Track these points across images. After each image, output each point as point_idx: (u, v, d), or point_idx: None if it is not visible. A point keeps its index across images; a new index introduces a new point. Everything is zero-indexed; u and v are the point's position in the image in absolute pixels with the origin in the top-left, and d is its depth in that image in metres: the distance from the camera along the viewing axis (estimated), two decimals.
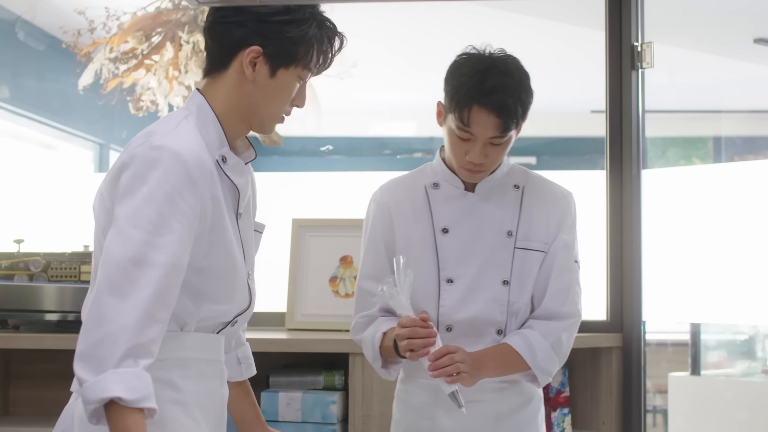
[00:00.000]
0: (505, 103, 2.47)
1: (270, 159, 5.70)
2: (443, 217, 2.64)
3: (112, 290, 1.91)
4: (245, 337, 2.55)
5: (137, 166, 2.00)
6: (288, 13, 2.15)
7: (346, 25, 2.33)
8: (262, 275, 4.03)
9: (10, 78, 5.14)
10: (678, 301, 3.86)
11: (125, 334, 1.88)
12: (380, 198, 2.72)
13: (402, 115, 6.01)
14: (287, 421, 3.49)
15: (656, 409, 6.51)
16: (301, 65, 2.18)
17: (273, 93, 2.18)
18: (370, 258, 2.69)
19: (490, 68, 2.50)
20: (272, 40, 2.14)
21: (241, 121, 2.20)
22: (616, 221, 3.81)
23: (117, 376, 1.87)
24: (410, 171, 2.79)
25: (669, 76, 5.83)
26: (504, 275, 2.61)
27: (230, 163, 2.17)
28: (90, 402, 1.87)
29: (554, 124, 6.59)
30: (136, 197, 1.97)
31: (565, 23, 5.06)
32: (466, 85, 2.49)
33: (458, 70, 2.55)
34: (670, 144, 7.40)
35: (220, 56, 2.18)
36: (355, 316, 2.72)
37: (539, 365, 2.59)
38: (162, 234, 1.96)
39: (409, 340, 2.43)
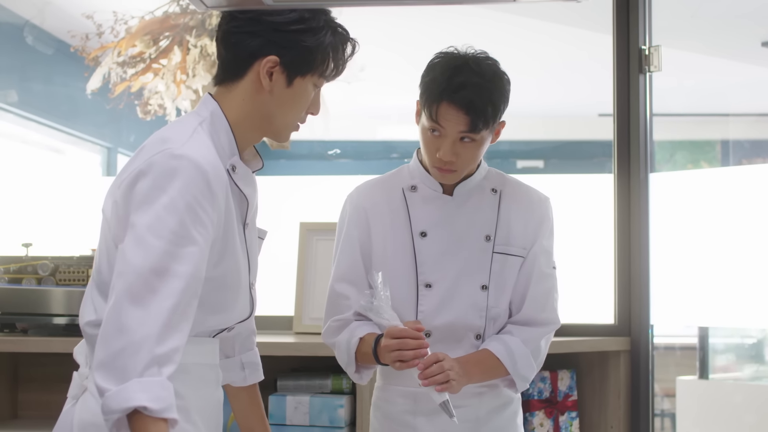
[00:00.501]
0: (472, 99, 2.46)
1: (278, 163, 5.70)
2: (421, 221, 2.62)
3: (134, 300, 1.89)
4: (254, 342, 2.53)
5: (156, 174, 1.98)
6: (303, 22, 2.15)
7: (354, 29, 2.34)
8: (270, 279, 4.05)
9: (19, 82, 5.15)
10: (686, 304, 3.85)
11: (148, 343, 1.87)
12: (356, 200, 2.69)
13: (410, 118, 6.01)
14: (295, 424, 3.49)
15: (664, 413, 6.49)
16: (317, 73, 2.19)
17: (289, 102, 2.18)
18: (345, 261, 2.66)
19: (462, 66, 2.51)
20: (289, 49, 2.14)
21: (255, 129, 2.20)
22: (623, 225, 3.80)
23: (141, 385, 1.85)
24: (386, 173, 2.77)
25: (677, 79, 5.82)
26: (482, 280, 2.60)
27: (240, 173, 2.17)
28: (113, 411, 1.85)
29: (562, 127, 6.59)
30: (156, 206, 1.95)
31: (573, 27, 5.05)
32: (437, 81, 2.50)
33: (432, 69, 2.56)
34: (678, 147, 7.39)
35: (234, 66, 2.17)
36: (328, 319, 2.68)
37: (519, 372, 2.59)
38: (184, 245, 1.95)
39: (399, 351, 2.41)
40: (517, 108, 6.17)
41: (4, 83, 5.03)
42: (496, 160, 6.88)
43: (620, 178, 3.81)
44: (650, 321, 3.77)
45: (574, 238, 3.85)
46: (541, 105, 6.64)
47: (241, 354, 2.48)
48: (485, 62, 2.54)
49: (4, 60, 5.07)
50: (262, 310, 3.92)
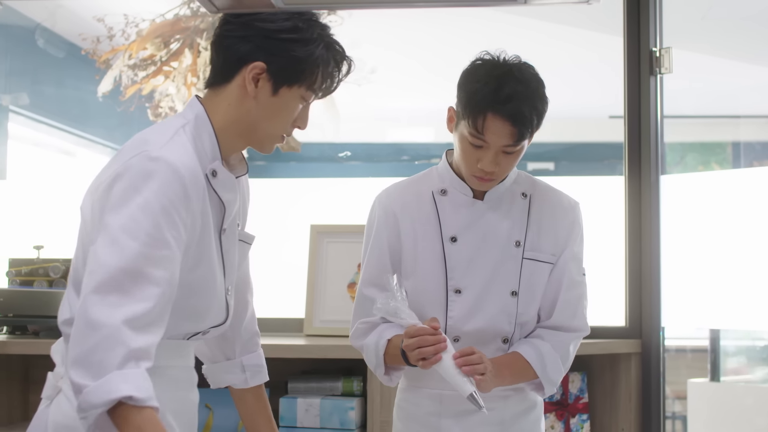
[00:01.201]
0: (521, 111, 2.43)
1: (288, 165, 5.70)
2: (451, 226, 2.59)
3: (105, 298, 1.88)
4: (258, 344, 2.52)
5: (132, 176, 1.98)
6: (296, 31, 2.13)
7: (364, 31, 2.34)
8: (280, 281, 4.05)
9: (30, 85, 5.16)
10: (697, 307, 3.84)
11: (124, 338, 1.86)
12: (386, 202, 2.66)
13: (420, 121, 6.00)
14: (306, 427, 3.50)
15: (675, 416, 6.48)
16: (305, 86, 2.15)
17: (274, 111, 2.15)
18: (373, 265, 2.64)
19: (506, 75, 2.46)
20: (277, 57, 2.12)
21: (239, 137, 2.18)
22: (634, 227, 3.80)
23: (122, 376, 1.85)
24: (415, 175, 2.74)
25: (687, 81, 5.81)
26: (512, 286, 2.58)
27: (220, 178, 2.14)
28: (94, 406, 1.83)
29: (572, 129, 6.57)
30: (131, 207, 1.94)
31: (584, 29, 5.05)
32: (481, 92, 2.45)
33: (473, 76, 2.51)
34: (689, 149, 7.37)
35: (223, 69, 2.16)
36: (355, 321, 2.68)
37: (548, 376, 2.59)
38: (159, 248, 1.94)
39: (419, 349, 2.40)
40: None
41: (15, 86, 5.04)
42: None
43: (631, 180, 3.81)
44: (661, 323, 3.76)
45: (585, 241, 3.84)
46: (552, 107, 6.63)
47: (243, 356, 2.47)
48: (527, 70, 2.51)
49: (15, 63, 5.08)
50: (272, 313, 3.95)
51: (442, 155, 2.68)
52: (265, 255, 4.12)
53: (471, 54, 2.63)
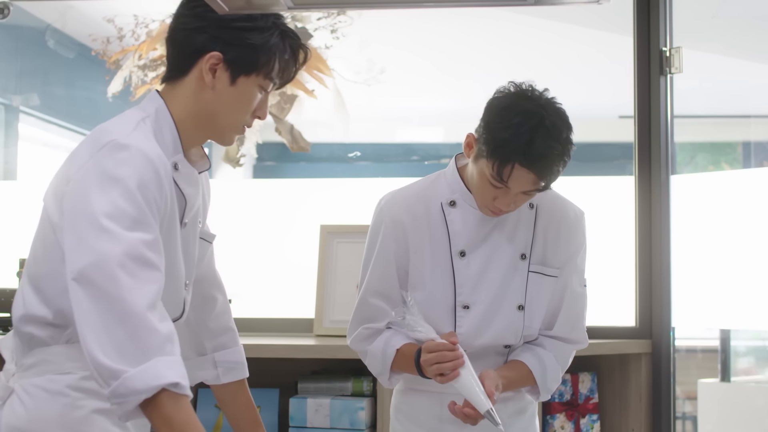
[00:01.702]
0: (550, 168, 2.38)
1: (297, 165, 5.70)
2: (460, 240, 2.54)
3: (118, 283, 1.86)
4: (235, 341, 2.49)
5: (106, 164, 1.96)
6: (250, 20, 2.11)
7: (374, 31, 2.34)
8: (290, 281, 4.06)
9: (40, 86, 5.17)
10: (707, 307, 3.84)
11: (152, 323, 1.86)
12: (395, 211, 2.58)
13: (430, 121, 6.00)
14: (315, 427, 3.50)
15: (686, 416, 6.47)
16: (262, 74, 2.14)
17: (233, 101, 2.14)
18: (378, 274, 2.59)
19: (539, 127, 2.36)
20: (233, 46, 2.10)
21: (199, 129, 2.16)
22: (645, 227, 3.79)
23: (166, 362, 1.85)
24: (421, 180, 2.67)
25: (698, 81, 5.80)
26: (519, 300, 2.56)
27: (182, 172, 2.13)
28: (137, 392, 1.82)
29: (582, 129, 6.56)
30: (112, 194, 1.93)
31: (594, 29, 5.04)
32: (512, 144, 2.36)
33: (502, 118, 2.39)
34: (699, 149, 7.36)
35: (180, 62, 2.14)
36: (357, 325, 2.64)
37: (546, 385, 2.60)
38: (149, 231, 1.94)
39: (438, 365, 2.39)
40: None
41: (26, 87, 5.05)
42: None
43: (641, 180, 3.80)
44: (671, 323, 3.76)
45: (594, 241, 3.84)
46: None
47: (215, 352, 2.45)
48: (559, 117, 2.43)
49: (26, 64, 5.09)
50: (282, 313, 3.95)
51: (451, 155, 2.65)
52: (274, 255, 4.13)
53: (482, 54, 2.61)
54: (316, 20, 4.41)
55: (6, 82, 5.06)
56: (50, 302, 2.04)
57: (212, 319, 2.43)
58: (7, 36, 4.92)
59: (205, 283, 2.42)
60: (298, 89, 4.41)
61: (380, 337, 2.59)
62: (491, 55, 5.16)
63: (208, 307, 2.44)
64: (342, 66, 4.42)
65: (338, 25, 4.36)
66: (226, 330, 2.48)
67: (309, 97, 4.40)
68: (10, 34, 4.92)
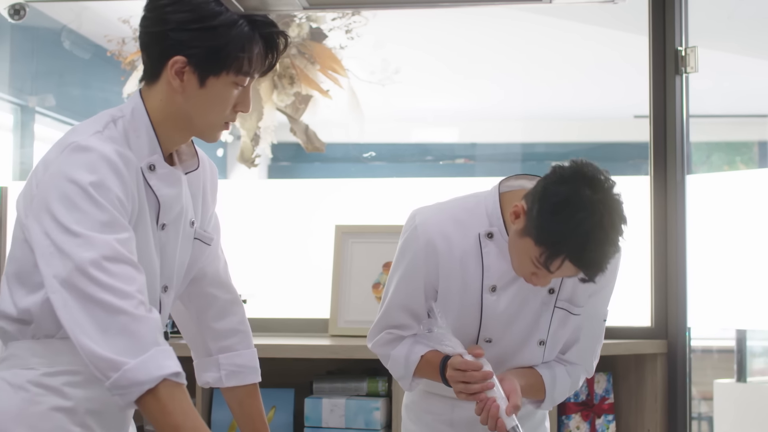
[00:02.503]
0: (601, 270, 2.29)
1: (312, 165, 5.72)
2: (493, 275, 2.44)
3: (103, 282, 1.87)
4: (244, 344, 2.44)
5: (68, 167, 1.95)
6: (212, 18, 2.03)
7: (388, 31, 2.31)
8: (305, 281, 4.06)
9: (56, 86, 5.19)
10: (723, 307, 3.83)
11: (143, 313, 1.87)
12: (430, 233, 2.46)
13: (444, 121, 6.01)
14: (331, 427, 3.50)
15: (701, 416, 6.45)
16: (233, 71, 2.06)
17: (205, 103, 2.08)
18: (405, 290, 2.51)
19: (597, 229, 2.23)
20: (196, 48, 2.03)
21: (178, 130, 2.12)
22: (660, 227, 3.79)
23: (165, 353, 1.87)
24: (457, 200, 2.54)
25: (713, 80, 5.79)
26: (541, 336, 2.50)
27: (159, 173, 2.08)
28: (140, 383, 1.83)
29: (597, 129, 6.56)
30: (77, 200, 1.92)
31: (609, 28, 5.04)
32: (565, 243, 2.23)
33: (559, 210, 2.24)
34: (715, 149, 7.35)
35: (149, 66, 2.10)
36: (380, 329, 2.58)
37: (553, 398, 2.56)
38: (119, 230, 1.93)
39: (465, 384, 2.33)
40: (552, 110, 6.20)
41: (42, 87, 5.07)
42: (531, 163, 6.87)
43: (657, 179, 3.80)
44: (687, 323, 3.75)
45: None
46: (577, 107, 6.62)
47: (220, 354, 2.41)
48: (617, 212, 2.29)
49: (42, 64, 5.11)
50: (297, 313, 3.95)
51: (466, 155, 2.63)
52: (290, 255, 4.13)
53: (496, 53, 2.58)
54: (330, 20, 4.41)
55: (22, 83, 5.08)
56: (17, 300, 2.04)
57: (215, 319, 2.39)
58: (23, 37, 4.94)
59: (204, 282, 2.38)
60: (313, 89, 4.41)
61: (403, 342, 2.54)
62: (506, 54, 5.15)
63: (209, 307, 2.39)
64: (357, 66, 4.42)
65: (353, 26, 4.36)
66: (234, 332, 2.42)
67: (324, 97, 4.40)
68: (26, 35, 4.94)
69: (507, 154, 6.70)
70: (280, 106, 4.43)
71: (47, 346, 2.03)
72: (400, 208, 4.16)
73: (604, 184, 2.28)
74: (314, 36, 4.44)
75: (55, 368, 2.02)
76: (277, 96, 4.42)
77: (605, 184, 2.28)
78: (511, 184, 2.47)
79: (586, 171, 2.28)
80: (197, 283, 2.37)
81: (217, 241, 2.40)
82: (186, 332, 2.44)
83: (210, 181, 2.32)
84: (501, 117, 6.60)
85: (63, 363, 2.02)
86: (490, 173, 7.11)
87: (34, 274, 1.99)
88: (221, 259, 2.43)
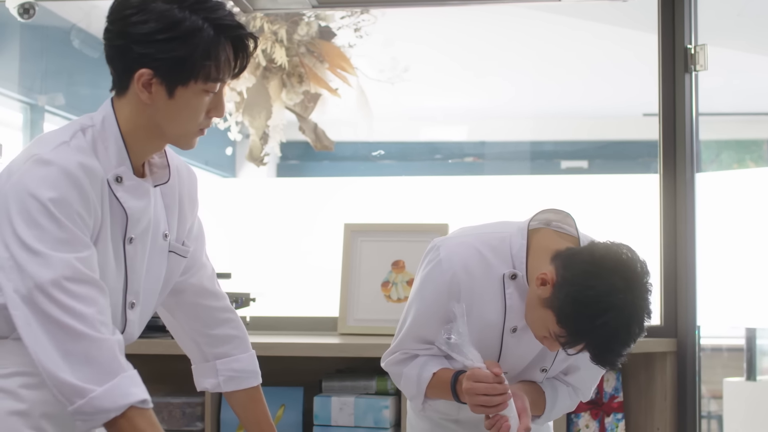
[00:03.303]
0: (616, 365, 2.28)
1: (321, 164, 5.72)
2: (515, 316, 2.39)
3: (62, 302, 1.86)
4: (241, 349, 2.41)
5: (28, 181, 1.92)
6: (173, 28, 1.96)
7: (397, 29, 2.30)
8: (314, 280, 4.06)
9: (66, 85, 5.20)
10: (733, 305, 3.82)
11: (106, 339, 1.87)
12: (455, 269, 2.39)
13: (453, 119, 6.00)
14: (340, 425, 3.50)
15: (711, 415, 6.45)
16: (201, 80, 2.00)
17: (176, 113, 2.02)
18: (422, 322, 2.45)
19: (623, 331, 2.21)
20: (161, 60, 1.97)
21: (151, 139, 2.07)
22: (669, 225, 3.78)
23: (131, 379, 1.87)
24: (483, 234, 2.46)
25: (723, 78, 5.78)
26: (546, 365, 2.48)
27: (127, 185, 2.04)
28: (106, 411, 1.84)
29: (607, 127, 6.55)
30: (35, 215, 1.90)
31: (618, 26, 5.03)
32: (590, 339, 2.20)
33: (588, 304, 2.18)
34: (724, 147, 7.34)
35: (117, 78, 2.06)
36: (397, 350, 2.53)
37: (549, 415, 2.54)
38: (79, 248, 1.91)
39: (485, 397, 2.29)
40: (562, 108, 6.18)
41: (51, 86, 5.08)
42: (540, 161, 6.86)
43: (666, 178, 3.79)
44: (697, 322, 3.74)
45: (618, 240, 3.83)
46: (586, 105, 6.61)
47: (217, 360, 2.38)
48: (645, 308, 2.24)
49: (51, 63, 5.12)
50: (306, 311, 3.96)
51: (475, 153, 2.62)
52: (298, 254, 4.14)
53: (505, 52, 2.57)
54: (339, 19, 4.41)
55: (31, 82, 5.09)
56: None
57: (208, 328, 2.36)
58: (32, 36, 4.94)
59: (190, 293, 2.34)
60: (322, 88, 4.41)
61: (416, 360, 2.50)
62: (515, 53, 5.14)
63: (199, 317, 2.36)
64: (366, 64, 4.42)
65: (362, 24, 4.36)
66: (229, 338, 2.39)
67: (333, 95, 4.40)
68: (35, 34, 4.94)
69: (516, 152, 6.68)
70: (289, 105, 4.43)
71: (0, 347, 2.01)
72: (409, 206, 4.17)
73: (640, 278, 2.23)
74: (323, 34, 4.44)
75: (8, 369, 2.00)
76: (286, 94, 4.43)
77: (641, 279, 2.23)
78: (538, 218, 2.42)
79: (623, 266, 2.24)
80: (183, 295, 2.33)
81: (201, 250, 2.36)
82: (179, 339, 2.41)
83: (187, 190, 2.26)
84: (510, 115, 6.58)
85: (16, 364, 1.99)
86: (500, 171, 7.08)
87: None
88: (207, 267, 2.38)
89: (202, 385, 2.41)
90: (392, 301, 3.85)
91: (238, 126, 4.53)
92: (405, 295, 3.80)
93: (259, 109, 4.45)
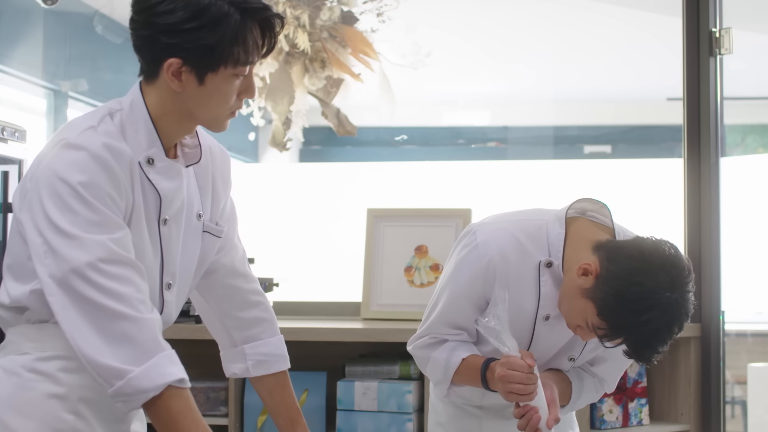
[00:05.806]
0: (652, 361, 2.26)
1: (344, 149, 5.71)
2: (549, 304, 2.38)
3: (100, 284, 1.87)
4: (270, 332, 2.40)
5: (57, 166, 1.93)
6: (200, 17, 1.96)
7: (419, 14, 2.30)
8: (337, 265, 4.07)
9: (89, 71, 5.21)
10: (758, 290, 3.81)
11: (145, 318, 1.88)
12: (492, 254, 2.37)
13: (476, 104, 5.99)
14: (363, 410, 3.51)
15: (735, 400, 6.42)
16: (230, 65, 2.00)
17: (207, 98, 2.03)
18: (455, 308, 2.44)
19: (664, 330, 2.18)
20: (189, 49, 1.98)
21: (181, 123, 2.08)
22: (694, 210, 3.76)
23: (169, 358, 1.88)
24: (521, 220, 2.43)
25: (747, 62, 5.74)
26: (574, 354, 2.47)
27: (159, 166, 2.05)
28: (145, 391, 1.85)
29: (630, 112, 6.53)
30: (66, 199, 1.91)
31: (643, 10, 5.00)
32: (631, 334, 2.19)
33: (633, 300, 2.17)
34: (749, 131, 7.29)
35: (146, 67, 2.06)
36: (426, 334, 2.50)
37: (573, 406, 2.53)
38: (113, 229, 1.92)
39: (517, 384, 2.27)
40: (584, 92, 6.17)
41: (74, 72, 5.10)
42: (563, 146, 6.85)
43: (690, 162, 3.77)
44: (721, 307, 3.73)
45: (642, 224, 3.82)
46: (610, 89, 6.59)
47: (245, 344, 2.38)
48: (687, 312, 2.21)
49: (74, 49, 5.13)
50: (329, 296, 3.96)
51: (497, 138, 2.61)
52: (321, 239, 4.14)
53: (528, 36, 2.56)
54: (362, 3, 4.41)
55: (55, 68, 5.10)
56: (10, 290, 2.04)
57: (237, 310, 2.36)
58: (55, 22, 4.96)
59: (221, 274, 2.34)
60: (344, 73, 4.41)
61: (445, 344, 2.48)
62: (538, 37, 5.13)
63: (229, 298, 2.36)
64: (388, 49, 4.42)
65: (384, 9, 4.35)
66: (258, 321, 2.39)
67: (355, 81, 4.40)
68: (58, 20, 4.96)
69: (539, 137, 6.69)
70: (311, 90, 4.43)
71: (41, 331, 2.02)
72: (432, 191, 4.17)
73: (686, 278, 2.20)
74: (345, 19, 4.44)
75: (47, 353, 2.01)
76: (308, 80, 4.43)
77: (686, 278, 2.20)
78: (575, 207, 2.40)
79: (670, 264, 2.21)
80: (214, 275, 2.33)
81: (233, 230, 2.36)
82: (209, 324, 2.41)
83: (220, 169, 2.27)
84: (533, 100, 6.58)
85: (56, 348, 2.00)
86: (522, 156, 7.08)
87: (26, 266, 1.99)
88: (239, 248, 2.38)
89: (230, 371, 2.41)
90: (415, 286, 3.86)
91: (261, 111, 4.53)
92: (428, 280, 3.80)
93: (282, 94, 4.45)
